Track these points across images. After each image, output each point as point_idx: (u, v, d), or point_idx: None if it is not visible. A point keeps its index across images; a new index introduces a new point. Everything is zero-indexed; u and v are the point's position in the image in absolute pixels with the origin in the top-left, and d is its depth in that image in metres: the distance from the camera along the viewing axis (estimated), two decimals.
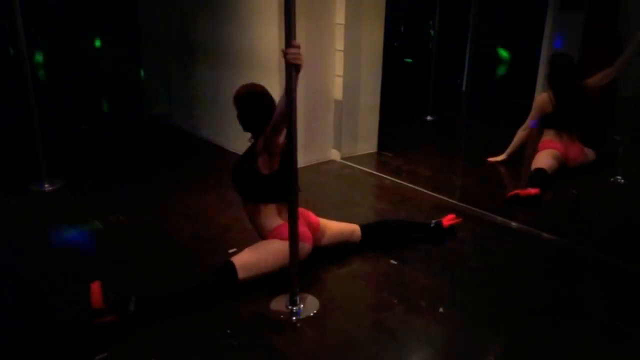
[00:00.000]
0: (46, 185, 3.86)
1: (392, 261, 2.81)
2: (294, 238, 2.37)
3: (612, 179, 4.12)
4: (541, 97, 4.31)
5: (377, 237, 2.98)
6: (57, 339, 2.25)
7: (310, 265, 2.70)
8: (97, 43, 8.24)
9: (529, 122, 4.40)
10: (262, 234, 2.67)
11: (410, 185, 4.01)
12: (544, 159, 4.08)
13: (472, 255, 3.00)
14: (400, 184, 4.07)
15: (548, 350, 2.22)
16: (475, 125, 5.05)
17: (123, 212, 3.49)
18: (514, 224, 3.37)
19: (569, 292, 2.65)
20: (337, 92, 4.47)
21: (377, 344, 2.22)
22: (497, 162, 4.59)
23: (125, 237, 3.17)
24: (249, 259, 2.49)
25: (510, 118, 5.23)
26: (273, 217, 2.60)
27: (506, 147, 4.57)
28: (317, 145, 4.46)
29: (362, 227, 2.92)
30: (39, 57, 9.34)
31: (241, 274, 2.42)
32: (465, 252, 3.04)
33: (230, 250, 2.80)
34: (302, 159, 3.47)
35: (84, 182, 4.11)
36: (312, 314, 2.38)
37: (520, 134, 4.47)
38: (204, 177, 4.18)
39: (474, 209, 3.59)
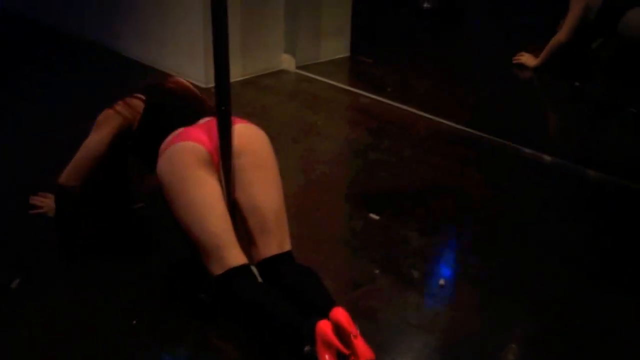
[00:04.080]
0: None
1: (372, 215, 2.66)
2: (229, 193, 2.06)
3: None
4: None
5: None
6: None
7: None
8: None
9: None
10: None
11: (400, 105, 3.75)
12: None
13: (488, 202, 2.78)
14: (385, 103, 3.80)
15: (589, 337, 2.02)
16: (493, 15, 4.89)
17: None
18: (547, 157, 3.16)
19: (622, 253, 2.46)
20: None
21: None
22: (526, 65, 4.28)
23: None
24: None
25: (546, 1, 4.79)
26: None
27: (543, 46, 4.22)
28: (261, 49, 4.01)
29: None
30: None
31: None
32: (477, 197, 2.81)
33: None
34: (238, 70, 3.30)
35: None
36: None
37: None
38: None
39: (490, 137, 3.34)
